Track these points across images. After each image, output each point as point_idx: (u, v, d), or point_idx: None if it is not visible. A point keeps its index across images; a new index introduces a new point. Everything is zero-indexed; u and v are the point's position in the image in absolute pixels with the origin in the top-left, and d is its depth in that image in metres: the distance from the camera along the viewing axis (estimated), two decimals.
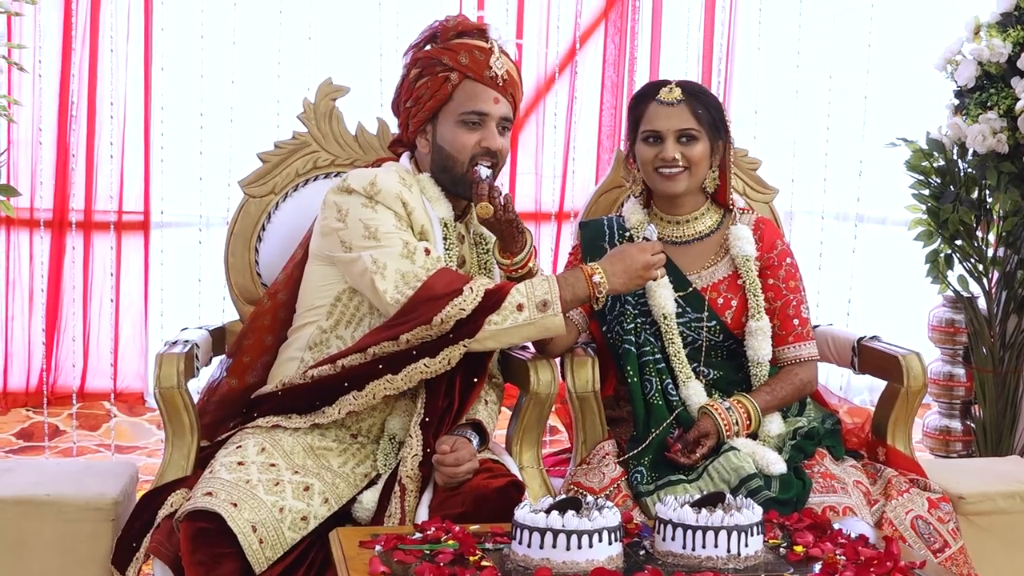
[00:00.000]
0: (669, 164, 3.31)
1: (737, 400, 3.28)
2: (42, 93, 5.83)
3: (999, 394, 4.90)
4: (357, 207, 3.10)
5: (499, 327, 2.99)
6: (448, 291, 2.97)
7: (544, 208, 6.38)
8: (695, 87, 3.39)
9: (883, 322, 5.75)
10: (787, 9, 6.27)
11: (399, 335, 2.97)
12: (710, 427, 3.22)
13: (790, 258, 3.43)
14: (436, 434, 3.04)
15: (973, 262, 4.90)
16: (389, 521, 2.97)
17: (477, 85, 3.18)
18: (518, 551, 2.52)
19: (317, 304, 3.20)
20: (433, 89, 3.18)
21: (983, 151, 4.68)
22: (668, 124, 3.32)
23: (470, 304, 2.96)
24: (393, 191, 3.11)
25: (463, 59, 3.17)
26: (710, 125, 3.33)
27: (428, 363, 3.00)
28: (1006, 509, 3.47)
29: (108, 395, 6.08)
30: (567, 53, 6.31)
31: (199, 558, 2.77)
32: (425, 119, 3.21)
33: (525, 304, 3.01)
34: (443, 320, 2.95)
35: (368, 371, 3.03)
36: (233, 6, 5.79)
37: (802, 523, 2.80)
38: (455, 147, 3.18)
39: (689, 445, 3.20)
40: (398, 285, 3.00)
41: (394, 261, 3.02)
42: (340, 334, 3.17)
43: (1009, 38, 4.65)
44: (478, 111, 3.17)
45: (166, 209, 5.97)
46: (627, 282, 3.13)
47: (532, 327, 3.03)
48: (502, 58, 3.21)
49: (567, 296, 3.06)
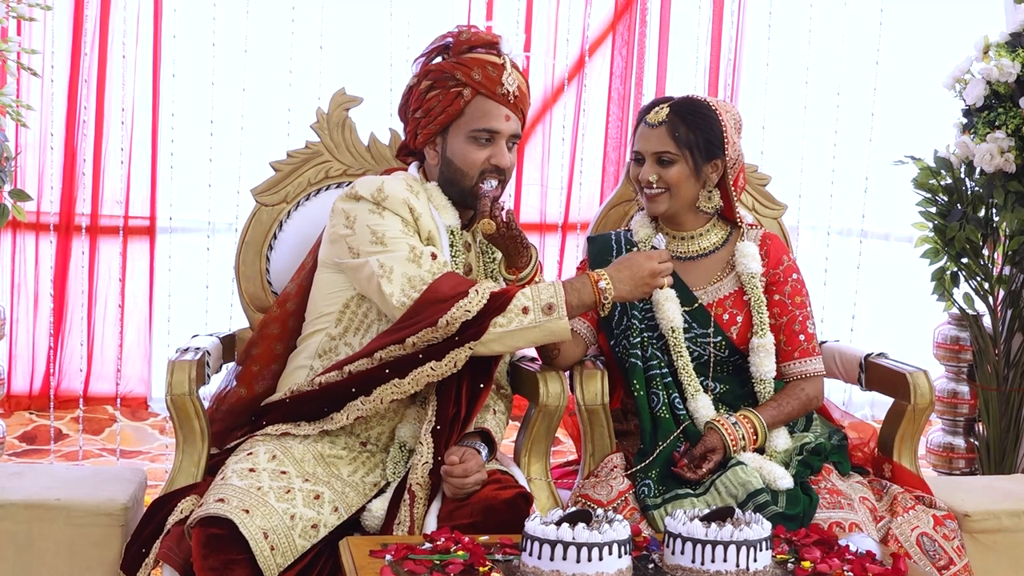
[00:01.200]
0: (648, 185, 3.33)
1: (743, 415, 3.29)
2: (53, 98, 5.86)
3: (1003, 412, 4.91)
4: (364, 213, 3.11)
5: (504, 329, 2.99)
6: (454, 293, 2.98)
7: (550, 220, 6.39)
8: (687, 107, 3.34)
9: (888, 339, 5.75)
10: (796, 24, 6.28)
11: (405, 338, 2.98)
12: (716, 442, 3.23)
13: (796, 274, 3.43)
14: (447, 442, 3.04)
15: (979, 280, 4.91)
16: (398, 529, 2.98)
17: (489, 102, 3.18)
18: (528, 562, 2.53)
19: (326, 311, 3.21)
20: (445, 104, 3.19)
21: (990, 170, 4.69)
22: (647, 146, 3.33)
23: (475, 306, 2.97)
24: (400, 197, 3.12)
25: (476, 75, 3.17)
26: (694, 146, 3.30)
27: (435, 366, 3.00)
28: (1011, 527, 3.48)
29: (112, 400, 6.09)
30: (575, 65, 6.33)
31: (211, 564, 2.78)
32: (435, 132, 3.22)
33: (530, 307, 3.01)
34: (448, 322, 2.95)
35: (375, 376, 3.04)
36: (245, 14, 5.82)
37: (809, 538, 2.81)
38: (465, 163, 3.19)
39: (695, 460, 3.20)
40: (404, 288, 3.01)
41: (400, 265, 3.03)
42: (349, 341, 3.18)
43: (1018, 58, 4.66)
44: (489, 129, 3.18)
45: (175, 215, 5.99)
46: (633, 289, 3.13)
47: (537, 330, 3.02)
48: (514, 73, 3.22)
49: (573, 301, 3.06)
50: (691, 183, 3.34)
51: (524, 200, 6.35)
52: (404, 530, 2.97)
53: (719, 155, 3.34)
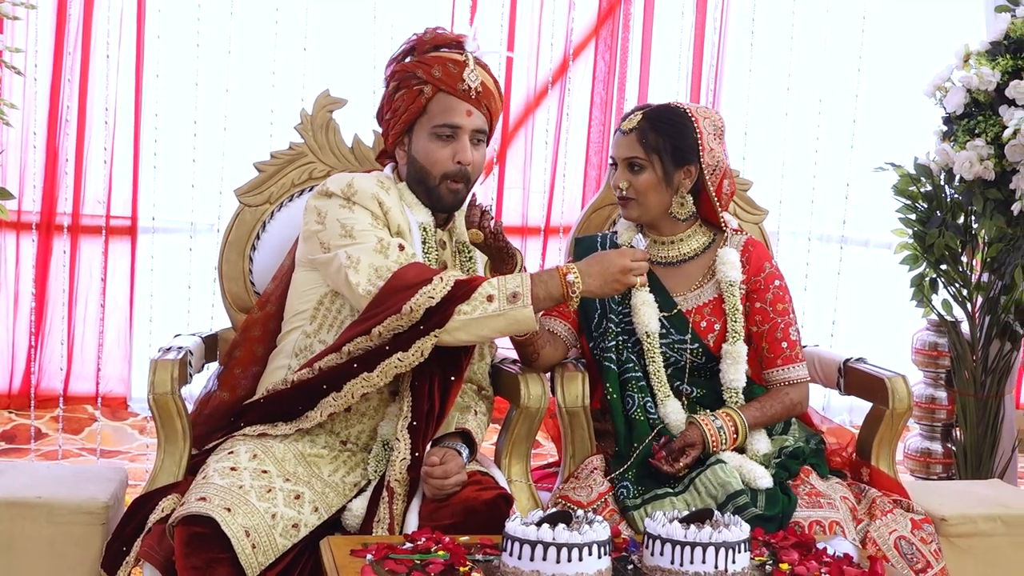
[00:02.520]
0: (619, 191, 3.36)
1: (726, 413, 3.30)
2: (35, 97, 5.84)
3: (980, 418, 4.93)
4: (335, 208, 3.15)
5: (469, 317, 2.99)
6: (418, 281, 2.99)
7: (532, 223, 6.39)
8: (660, 114, 3.35)
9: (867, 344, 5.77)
10: (779, 31, 6.31)
11: (371, 328, 2.99)
12: (696, 437, 3.24)
13: (779, 280, 3.44)
14: (424, 437, 3.06)
15: (958, 287, 4.94)
16: (378, 527, 2.99)
17: (450, 98, 3.21)
18: (508, 563, 2.54)
19: (302, 309, 3.24)
20: (408, 102, 3.23)
21: (970, 177, 4.72)
22: (618, 152, 3.36)
23: (439, 292, 2.98)
24: (369, 191, 3.16)
25: (436, 72, 3.21)
26: (663, 152, 3.31)
27: (401, 357, 3.01)
28: (987, 532, 3.51)
29: (92, 399, 6.08)
30: (558, 69, 6.34)
31: (193, 563, 2.78)
32: (401, 131, 3.26)
33: (496, 295, 3.01)
34: (412, 308, 2.96)
35: (344, 371, 3.05)
36: (229, 15, 5.82)
37: (787, 541, 2.83)
38: (428, 160, 3.22)
39: (674, 453, 3.22)
40: (370, 278, 3.03)
41: (367, 256, 3.06)
42: (323, 338, 3.19)
43: (998, 66, 4.69)
44: (450, 124, 3.21)
45: (157, 215, 5.98)
46: (603, 285, 3.10)
47: (502, 318, 3.01)
48: (477, 70, 3.24)
49: (540, 292, 3.04)
50: (660, 189, 3.35)
51: (506, 203, 6.35)
52: (384, 528, 2.98)
53: (692, 161, 3.34)
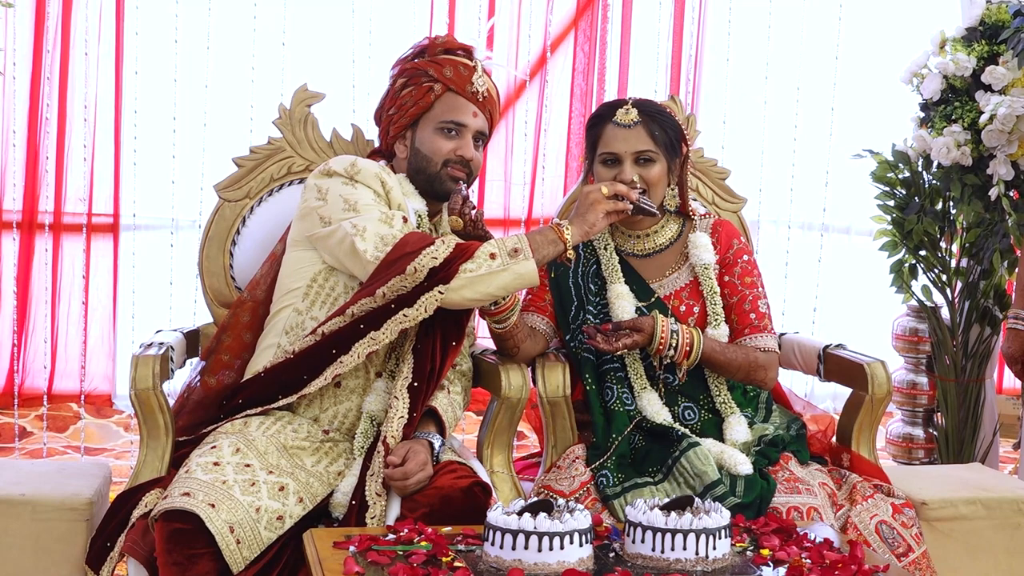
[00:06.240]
0: (632, 185, 3.34)
1: (687, 327, 3.32)
2: (15, 95, 5.84)
3: (961, 402, 4.96)
4: (338, 185, 3.21)
5: (474, 274, 3.05)
6: (422, 244, 3.07)
7: (513, 215, 6.41)
8: (652, 107, 3.41)
9: (848, 331, 5.81)
10: (756, 20, 6.32)
11: (376, 290, 3.05)
12: (646, 325, 3.27)
13: (747, 255, 3.48)
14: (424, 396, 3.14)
15: (937, 272, 4.96)
16: (371, 480, 3.01)
17: (458, 98, 3.33)
18: (490, 552, 2.55)
19: (294, 287, 3.27)
20: (416, 97, 3.33)
21: (947, 163, 4.75)
22: (625, 146, 3.36)
23: (442, 253, 3.05)
24: (372, 171, 3.24)
25: (447, 72, 3.32)
26: (667, 145, 3.37)
27: (407, 312, 3.07)
28: (967, 515, 3.52)
29: (76, 397, 6.08)
30: (537, 61, 6.35)
31: (174, 559, 2.79)
32: (406, 125, 3.35)
33: (497, 253, 3.08)
34: (416, 269, 3.03)
35: (350, 332, 3.11)
36: (208, 11, 5.82)
37: (768, 527, 2.85)
38: (431, 150, 3.32)
39: (616, 333, 3.25)
40: (377, 245, 3.09)
41: (373, 225, 3.12)
42: (315, 315, 3.22)
43: (974, 52, 4.72)
44: (456, 121, 3.31)
45: (138, 212, 5.97)
46: (582, 222, 3.16)
47: (506, 273, 3.07)
48: (484, 77, 3.37)
49: (538, 245, 3.11)
50: (664, 182, 3.40)
51: (488, 195, 6.37)
52: (378, 480, 3.01)
53: (680, 153, 3.42)
